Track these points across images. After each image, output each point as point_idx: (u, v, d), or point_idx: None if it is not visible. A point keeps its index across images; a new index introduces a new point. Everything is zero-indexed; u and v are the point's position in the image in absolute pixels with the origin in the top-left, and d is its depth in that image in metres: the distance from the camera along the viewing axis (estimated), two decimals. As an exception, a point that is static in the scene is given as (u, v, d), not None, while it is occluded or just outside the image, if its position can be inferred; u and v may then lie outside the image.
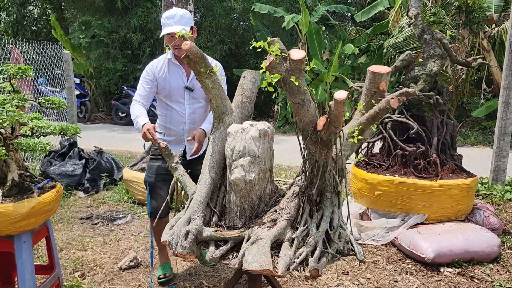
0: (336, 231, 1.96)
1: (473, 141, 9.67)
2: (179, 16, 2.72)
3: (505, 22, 9.37)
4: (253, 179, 1.99)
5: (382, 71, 1.90)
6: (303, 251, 1.84)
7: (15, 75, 2.32)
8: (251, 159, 1.99)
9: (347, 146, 2.04)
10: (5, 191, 2.19)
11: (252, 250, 1.83)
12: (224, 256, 1.92)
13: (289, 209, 1.98)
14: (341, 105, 1.66)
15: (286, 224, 1.94)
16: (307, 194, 1.97)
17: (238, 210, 2.07)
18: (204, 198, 2.10)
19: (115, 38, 11.79)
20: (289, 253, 1.83)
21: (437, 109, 3.86)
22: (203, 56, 2.04)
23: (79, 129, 2.48)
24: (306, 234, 1.91)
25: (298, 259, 1.82)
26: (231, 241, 1.94)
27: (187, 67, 2.84)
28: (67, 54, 6.76)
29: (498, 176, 5.28)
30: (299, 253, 1.84)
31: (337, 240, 1.95)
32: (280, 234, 1.90)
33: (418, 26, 3.97)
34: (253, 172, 1.99)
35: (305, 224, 1.93)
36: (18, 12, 14.64)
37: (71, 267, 3.25)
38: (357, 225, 3.87)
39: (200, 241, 1.98)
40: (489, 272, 3.23)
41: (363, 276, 3.17)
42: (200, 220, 2.01)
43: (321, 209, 1.99)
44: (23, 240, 2.22)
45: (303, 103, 1.76)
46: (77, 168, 5.34)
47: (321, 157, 1.87)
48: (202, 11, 13.10)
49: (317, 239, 1.88)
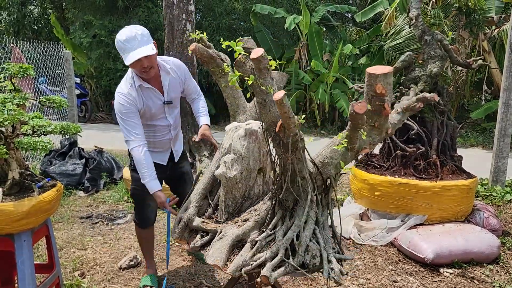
0: (301, 243, 1.84)
1: (473, 142, 9.67)
2: (140, 36, 2.38)
3: (505, 23, 9.37)
4: (233, 176, 2.02)
5: (378, 71, 1.69)
6: (263, 255, 1.83)
7: (16, 74, 2.32)
8: (235, 157, 2.03)
9: (337, 154, 1.90)
10: (6, 189, 2.19)
11: (216, 244, 1.91)
12: (203, 246, 2.00)
13: (259, 211, 1.99)
14: (281, 106, 1.62)
15: (253, 226, 1.95)
16: (278, 199, 1.94)
17: (223, 205, 2.13)
18: (202, 190, 2.17)
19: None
20: (245, 255, 1.85)
21: (437, 110, 3.86)
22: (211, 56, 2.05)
23: (79, 129, 2.49)
24: (274, 239, 1.88)
25: (256, 262, 1.82)
26: (211, 234, 2.02)
27: (158, 82, 2.62)
28: (67, 53, 6.76)
29: (498, 178, 5.28)
30: (258, 257, 1.84)
31: (303, 252, 1.83)
32: (244, 234, 1.94)
33: (418, 27, 3.97)
34: (235, 170, 2.03)
35: (274, 228, 1.91)
36: (19, 12, 14.64)
37: (71, 266, 3.25)
38: (357, 225, 3.87)
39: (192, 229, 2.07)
40: (489, 273, 3.23)
41: (363, 276, 3.17)
42: (194, 210, 2.10)
43: (294, 217, 1.91)
44: (23, 239, 2.22)
45: (265, 103, 1.75)
46: (77, 168, 5.34)
47: (288, 160, 1.82)
48: (203, 11, 13.09)
49: (279, 247, 1.83)
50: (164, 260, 3.38)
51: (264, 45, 11.92)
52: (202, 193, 2.18)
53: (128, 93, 2.52)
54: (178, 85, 2.73)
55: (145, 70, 2.44)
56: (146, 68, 2.42)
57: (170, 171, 2.90)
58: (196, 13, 12.00)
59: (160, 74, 2.61)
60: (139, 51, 2.35)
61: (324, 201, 1.98)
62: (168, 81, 2.64)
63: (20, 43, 6.13)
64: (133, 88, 2.54)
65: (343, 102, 10.49)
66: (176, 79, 2.70)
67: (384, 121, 1.78)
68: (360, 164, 4.12)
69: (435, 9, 9.00)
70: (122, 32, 2.41)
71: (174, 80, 2.68)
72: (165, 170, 2.84)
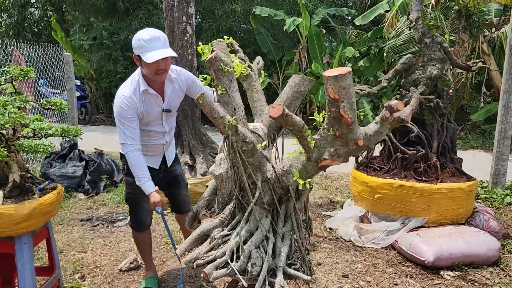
0: (243, 248, 1.82)
1: (473, 144, 9.67)
2: (163, 38, 2.43)
3: (505, 26, 9.39)
4: (219, 174, 2.10)
5: (332, 74, 1.51)
6: (214, 253, 1.89)
7: (17, 77, 2.33)
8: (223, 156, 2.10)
9: (297, 163, 1.79)
10: (6, 192, 2.19)
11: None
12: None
13: (227, 210, 2.07)
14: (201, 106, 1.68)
15: (217, 224, 2.03)
16: (237, 201, 1.96)
17: (217, 201, 2.22)
18: (213, 185, 2.28)
19: (116, 40, 11.81)
20: (202, 250, 1.93)
21: (437, 112, 3.86)
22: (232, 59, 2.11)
23: (80, 131, 2.50)
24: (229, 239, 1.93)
25: (207, 258, 1.88)
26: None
27: (161, 89, 2.64)
28: (67, 56, 6.77)
29: (498, 180, 5.28)
30: (211, 254, 1.90)
31: (245, 258, 1.82)
32: (208, 230, 2.03)
33: (418, 30, 3.98)
34: (222, 169, 2.10)
35: (232, 229, 1.96)
36: (19, 14, 14.65)
37: (71, 268, 3.25)
38: (357, 228, 3.87)
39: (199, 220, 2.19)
40: (489, 275, 3.23)
41: (363, 279, 3.16)
42: (203, 203, 2.23)
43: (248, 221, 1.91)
44: (24, 242, 2.23)
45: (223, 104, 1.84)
46: (77, 170, 5.34)
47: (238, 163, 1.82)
48: (203, 13, 13.12)
49: (226, 249, 1.86)
50: (164, 262, 3.38)
51: (264, 47, 11.93)
52: (213, 188, 2.28)
53: (131, 97, 2.52)
54: (179, 95, 2.77)
55: (160, 72, 2.44)
56: (161, 70, 2.44)
57: (163, 174, 2.92)
58: (196, 16, 12.04)
59: (165, 83, 2.64)
60: (163, 51, 2.38)
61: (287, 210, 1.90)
62: (171, 89, 2.67)
63: (20, 45, 6.13)
64: (137, 92, 2.54)
65: (343, 104, 10.48)
66: (178, 90, 2.73)
67: (346, 130, 1.60)
68: (360, 167, 4.12)
69: (435, 12, 9.02)
70: (144, 32, 2.44)
71: (176, 90, 2.72)
72: (158, 173, 2.85)
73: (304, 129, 1.65)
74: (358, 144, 1.63)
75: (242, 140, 1.76)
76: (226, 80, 1.94)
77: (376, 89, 4.06)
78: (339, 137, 1.63)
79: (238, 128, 1.75)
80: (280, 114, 1.55)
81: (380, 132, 1.61)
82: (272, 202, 1.88)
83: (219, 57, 1.91)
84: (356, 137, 1.62)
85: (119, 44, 11.90)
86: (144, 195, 2.70)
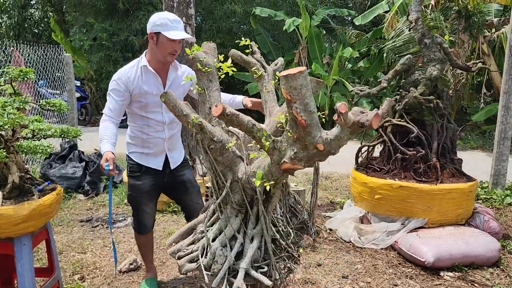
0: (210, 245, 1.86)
1: (473, 145, 9.67)
2: (183, 24, 2.62)
3: (504, 26, 9.39)
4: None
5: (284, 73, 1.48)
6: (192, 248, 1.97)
7: (16, 78, 2.32)
8: None
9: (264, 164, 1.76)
10: (6, 193, 2.19)
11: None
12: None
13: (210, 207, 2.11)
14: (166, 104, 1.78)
15: (202, 219, 2.09)
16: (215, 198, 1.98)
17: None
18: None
19: (116, 41, 11.81)
20: (183, 242, 2.03)
21: (437, 113, 3.86)
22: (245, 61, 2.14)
23: (79, 132, 2.49)
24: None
25: (187, 251, 1.96)
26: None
27: (163, 74, 2.67)
28: (67, 56, 6.77)
29: (498, 180, 5.28)
30: (191, 247, 1.97)
31: (210, 255, 1.84)
32: (194, 224, 2.11)
33: (418, 30, 3.98)
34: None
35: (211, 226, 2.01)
36: (19, 15, 14.68)
37: (71, 269, 3.24)
38: (357, 228, 3.87)
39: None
40: (489, 276, 3.23)
41: (363, 280, 3.16)
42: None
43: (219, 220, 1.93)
44: (23, 243, 2.22)
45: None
46: (77, 171, 5.34)
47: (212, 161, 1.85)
48: (203, 14, 13.12)
49: (199, 244, 1.94)
50: (163, 263, 3.38)
51: (264, 47, 11.94)
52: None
53: (125, 72, 2.59)
54: (181, 86, 2.74)
55: (174, 53, 2.56)
56: (176, 51, 2.56)
57: (169, 178, 2.81)
58: (196, 16, 12.03)
59: (169, 70, 2.70)
60: (184, 33, 2.55)
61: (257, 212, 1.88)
62: (174, 77, 2.70)
63: (20, 46, 6.13)
64: (135, 68, 2.61)
65: (343, 105, 10.48)
66: (180, 81, 2.72)
67: (303, 133, 1.53)
68: (360, 167, 4.11)
69: (434, 12, 9.03)
70: (167, 13, 2.61)
71: (179, 79, 2.72)
72: (161, 176, 2.77)
73: (254, 129, 1.62)
74: (318, 148, 1.53)
75: (210, 139, 1.78)
76: (206, 80, 2.01)
77: (376, 89, 4.06)
78: (298, 140, 1.56)
79: (204, 127, 1.76)
80: (220, 113, 1.56)
81: (340, 137, 1.50)
82: (243, 202, 1.88)
83: (197, 58, 1.97)
84: (314, 141, 1.53)
85: (119, 45, 11.91)
86: (146, 198, 2.74)
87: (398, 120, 3.88)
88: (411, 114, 3.92)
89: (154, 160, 2.75)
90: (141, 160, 2.74)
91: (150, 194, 2.78)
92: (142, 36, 11.84)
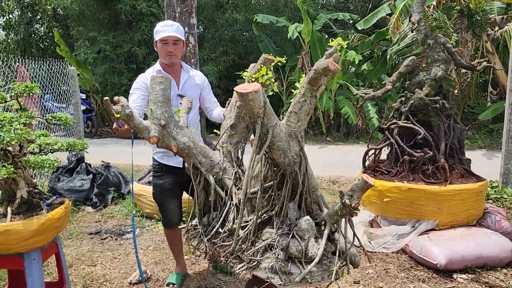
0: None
1: (481, 144, 9.59)
2: (176, 26, 2.84)
3: (508, 24, 9.35)
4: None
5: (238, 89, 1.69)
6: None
7: (22, 93, 2.34)
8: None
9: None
10: (14, 208, 2.20)
11: None
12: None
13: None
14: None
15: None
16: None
17: None
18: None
19: (120, 52, 11.90)
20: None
21: (444, 113, 3.83)
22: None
23: (86, 145, 2.50)
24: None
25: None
26: None
27: (176, 76, 2.95)
28: (72, 70, 6.82)
29: (508, 179, 5.22)
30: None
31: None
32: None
33: (421, 31, 3.97)
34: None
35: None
36: (25, 31, 14.88)
37: (81, 283, 3.24)
38: (367, 232, 3.83)
39: None
40: (503, 277, 3.18)
41: (375, 284, 3.13)
42: None
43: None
44: (33, 258, 2.22)
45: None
46: (85, 183, 5.36)
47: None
48: (205, 23, 13.20)
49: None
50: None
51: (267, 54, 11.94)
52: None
53: (144, 75, 2.93)
54: (195, 87, 3.03)
55: (170, 54, 2.84)
56: (171, 53, 2.84)
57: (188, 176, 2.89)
58: (198, 25, 12.11)
59: (181, 72, 3.00)
60: (171, 33, 2.80)
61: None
62: (186, 78, 2.99)
63: (25, 61, 6.20)
64: (152, 71, 2.94)
65: (348, 108, 10.47)
66: (193, 82, 3.03)
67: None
68: (368, 171, 4.09)
69: (437, 12, 9.01)
70: (163, 21, 2.92)
71: (191, 80, 3.01)
72: (182, 173, 2.91)
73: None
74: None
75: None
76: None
77: (381, 92, 4.04)
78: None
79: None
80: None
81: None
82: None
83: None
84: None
85: (123, 56, 11.99)
86: (168, 195, 3.00)
87: (404, 122, 3.85)
88: (417, 115, 3.89)
89: (174, 158, 2.92)
90: (163, 160, 2.98)
91: (173, 191, 3.01)
92: (145, 47, 11.94)
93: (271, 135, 1.77)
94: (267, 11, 12.95)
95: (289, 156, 1.84)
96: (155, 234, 4.27)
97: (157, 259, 3.66)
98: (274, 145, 1.81)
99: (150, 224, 4.55)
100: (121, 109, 1.95)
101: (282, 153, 1.82)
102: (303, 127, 1.86)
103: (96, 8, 12.04)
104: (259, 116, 1.74)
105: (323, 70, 1.69)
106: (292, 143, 1.85)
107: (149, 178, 5.02)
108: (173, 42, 2.82)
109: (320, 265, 1.81)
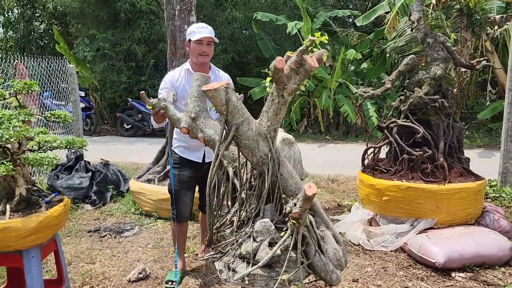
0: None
1: (480, 143, 9.60)
2: (210, 29, 3.02)
3: (507, 23, 9.35)
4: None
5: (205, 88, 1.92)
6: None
7: (21, 91, 2.34)
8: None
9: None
10: (13, 206, 2.20)
11: None
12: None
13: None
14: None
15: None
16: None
17: None
18: None
19: (119, 50, 11.88)
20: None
21: (443, 112, 3.84)
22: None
23: (85, 142, 2.50)
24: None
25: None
26: None
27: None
28: (71, 68, 6.81)
29: (507, 178, 5.23)
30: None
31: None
32: None
33: (420, 30, 3.96)
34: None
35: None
36: (25, 29, 14.85)
37: (80, 280, 3.24)
38: (365, 231, 3.84)
39: None
40: (501, 276, 3.19)
41: (374, 283, 3.13)
42: None
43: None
44: (32, 255, 2.23)
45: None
46: (83, 181, 5.35)
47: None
48: (204, 21, 13.13)
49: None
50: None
51: (267, 52, 11.96)
52: None
53: (171, 74, 3.11)
54: None
55: (203, 54, 2.99)
56: (204, 52, 2.99)
57: (205, 173, 2.97)
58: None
59: (209, 72, 3.11)
60: (206, 34, 2.96)
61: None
62: (213, 78, 3.05)
63: (24, 59, 6.18)
64: (179, 70, 3.11)
65: (347, 107, 10.47)
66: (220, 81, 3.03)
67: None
68: (367, 169, 4.09)
69: (436, 11, 9.00)
70: (197, 23, 3.09)
71: (218, 80, 3.08)
72: (200, 168, 3.12)
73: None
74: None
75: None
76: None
77: (380, 91, 4.04)
78: None
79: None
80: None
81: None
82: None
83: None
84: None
85: (122, 54, 11.97)
86: (185, 187, 3.13)
87: (403, 121, 3.86)
88: (416, 114, 3.89)
89: (194, 154, 3.11)
90: (183, 153, 3.11)
91: (189, 184, 3.17)
92: (144, 45, 11.92)
93: (233, 132, 1.86)
94: (266, 9, 12.93)
95: (256, 155, 1.87)
96: (153, 232, 4.27)
97: (156, 257, 3.66)
98: (241, 143, 1.88)
99: (149, 222, 4.56)
100: (157, 102, 2.19)
101: (250, 152, 1.88)
102: (273, 127, 1.87)
103: (96, 6, 12.01)
104: (222, 113, 1.89)
105: (274, 69, 1.72)
106: (262, 143, 1.87)
107: (148, 176, 5.02)
108: (207, 43, 2.98)
109: (270, 270, 1.80)
